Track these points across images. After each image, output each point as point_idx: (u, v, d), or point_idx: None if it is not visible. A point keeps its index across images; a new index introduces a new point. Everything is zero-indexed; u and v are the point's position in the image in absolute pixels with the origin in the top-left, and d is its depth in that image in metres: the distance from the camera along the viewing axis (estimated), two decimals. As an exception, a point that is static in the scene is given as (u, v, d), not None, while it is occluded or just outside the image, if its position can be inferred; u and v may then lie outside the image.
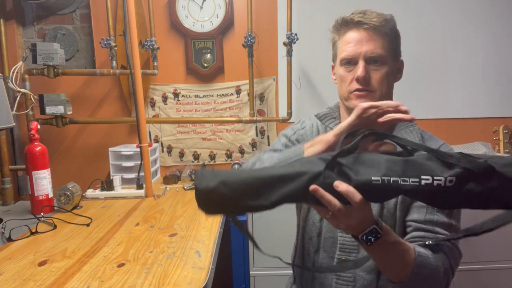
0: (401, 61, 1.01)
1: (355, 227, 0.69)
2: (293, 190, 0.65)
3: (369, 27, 0.92)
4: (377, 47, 0.92)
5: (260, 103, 2.09)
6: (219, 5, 1.98)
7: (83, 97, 2.04)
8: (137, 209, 1.46)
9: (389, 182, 0.62)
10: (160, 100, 2.08)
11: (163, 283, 0.85)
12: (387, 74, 0.94)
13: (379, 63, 0.93)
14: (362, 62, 0.92)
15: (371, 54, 0.92)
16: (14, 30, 1.95)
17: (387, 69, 0.94)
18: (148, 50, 1.94)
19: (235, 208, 0.68)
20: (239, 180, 0.66)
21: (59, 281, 0.87)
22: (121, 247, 1.07)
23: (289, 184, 0.65)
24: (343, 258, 0.97)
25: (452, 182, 0.60)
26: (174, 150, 2.11)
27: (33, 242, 1.13)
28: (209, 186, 0.65)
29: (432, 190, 0.60)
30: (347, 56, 0.94)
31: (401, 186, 0.62)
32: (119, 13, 1.94)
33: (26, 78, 1.81)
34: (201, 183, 0.66)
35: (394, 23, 0.97)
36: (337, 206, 0.64)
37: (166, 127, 2.10)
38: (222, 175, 0.67)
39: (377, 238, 0.70)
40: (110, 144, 1.99)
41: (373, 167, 0.63)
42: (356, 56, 0.93)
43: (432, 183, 0.60)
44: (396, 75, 1.01)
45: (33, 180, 1.40)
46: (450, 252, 0.84)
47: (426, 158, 0.63)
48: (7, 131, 1.89)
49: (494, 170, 0.59)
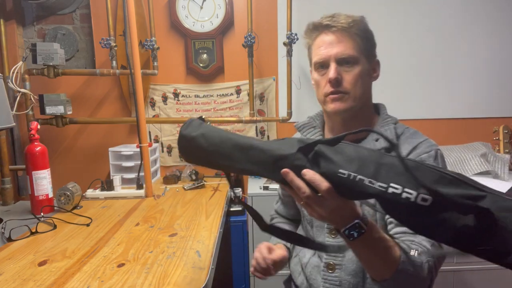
0: (376, 60, 1.01)
1: (332, 219, 0.68)
2: (262, 163, 0.64)
3: (337, 29, 0.94)
4: (347, 48, 0.93)
5: (260, 103, 2.09)
6: (219, 5, 1.98)
7: (83, 97, 2.04)
8: (137, 209, 1.46)
9: (354, 178, 0.57)
10: (160, 100, 2.08)
11: (163, 283, 0.85)
12: (360, 74, 0.94)
13: (350, 64, 0.94)
14: (333, 64, 0.93)
15: (342, 55, 0.93)
16: (14, 30, 1.96)
17: (360, 69, 0.94)
18: (148, 50, 1.94)
19: (207, 161, 0.70)
20: (217, 137, 0.68)
21: (59, 281, 0.87)
22: (121, 247, 1.07)
23: (260, 155, 0.65)
24: (330, 262, 0.99)
25: (427, 202, 0.51)
26: (174, 150, 2.11)
27: (33, 242, 1.13)
28: (190, 134, 0.69)
29: (398, 202, 0.53)
30: (319, 60, 0.95)
31: (366, 187, 0.56)
32: (119, 13, 1.94)
33: (26, 78, 1.81)
34: (186, 129, 0.70)
35: (364, 24, 0.97)
36: (306, 192, 0.63)
37: (166, 127, 2.10)
38: (206, 129, 0.69)
39: (360, 233, 0.68)
40: (110, 144, 1.99)
41: (350, 161, 0.59)
42: (327, 58, 0.94)
43: (400, 194, 0.53)
44: (372, 75, 1.00)
45: (33, 180, 1.40)
46: (433, 248, 0.82)
47: (415, 167, 0.55)
48: (7, 131, 1.89)
49: (490, 212, 0.48)
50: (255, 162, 0.65)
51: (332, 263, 0.99)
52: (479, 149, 1.90)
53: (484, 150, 1.87)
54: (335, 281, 0.98)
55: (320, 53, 0.95)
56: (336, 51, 0.93)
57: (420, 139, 0.94)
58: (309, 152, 0.62)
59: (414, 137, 0.95)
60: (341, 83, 0.93)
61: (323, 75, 0.95)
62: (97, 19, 1.99)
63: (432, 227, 0.52)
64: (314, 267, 1.03)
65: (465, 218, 0.49)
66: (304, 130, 1.07)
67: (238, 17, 2.01)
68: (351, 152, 0.60)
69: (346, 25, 0.93)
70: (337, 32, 0.93)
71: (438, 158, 0.91)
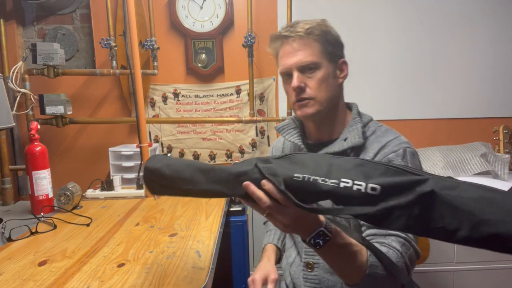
0: (342, 61, 1.03)
1: (296, 228, 0.70)
2: (223, 181, 0.68)
3: (295, 39, 0.97)
4: (307, 55, 0.96)
5: (260, 103, 2.09)
6: (219, 5, 1.98)
7: (83, 97, 2.04)
8: (137, 209, 1.46)
9: (309, 180, 0.62)
10: (160, 100, 2.08)
11: (163, 283, 0.85)
12: (323, 78, 0.97)
13: (312, 70, 0.97)
14: (296, 73, 0.97)
15: (302, 63, 0.96)
16: (14, 30, 1.95)
17: (322, 73, 0.97)
18: (148, 50, 1.94)
19: (171, 188, 0.73)
20: (180, 165, 0.72)
21: (59, 281, 0.87)
22: (121, 247, 1.07)
23: (221, 174, 0.69)
24: (309, 261, 1.02)
25: (376, 191, 0.56)
26: (174, 150, 2.11)
27: (33, 242, 1.13)
28: (154, 166, 0.73)
29: (351, 195, 0.57)
30: (283, 70, 1.00)
31: (320, 186, 0.61)
32: (119, 13, 1.95)
33: (26, 78, 1.81)
34: (150, 162, 0.74)
35: (324, 28, 0.99)
36: (267, 202, 0.66)
37: (166, 127, 2.10)
38: (170, 160, 0.73)
39: (326, 241, 0.70)
40: (110, 144, 1.99)
41: (304, 167, 0.64)
42: (290, 68, 0.98)
43: (351, 187, 0.58)
44: (339, 76, 1.02)
45: (33, 180, 1.40)
46: (404, 248, 0.83)
47: (359, 164, 0.61)
48: (7, 131, 1.89)
49: (434, 192, 0.52)
50: (216, 181, 0.69)
51: (310, 262, 1.02)
52: (479, 149, 1.90)
53: (484, 150, 1.87)
54: (315, 279, 1.01)
55: (283, 63, 1.00)
56: (296, 60, 0.97)
57: (389, 138, 0.95)
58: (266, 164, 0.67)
59: (383, 136, 0.97)
60: (305, 89, 0.97)
61: (289, 84, 0.99)
62: (97, 19, 1.99)
63: (386, 216, 0.54)
64: (298, 266, 1.06)
65: (413, 202, 0.53)
66: (284, 132, 1.11)
67: (238, 17, 2.01)
68: (305, 159, 0.66)
69: (303, 33, 0.96)
70: (295, 41, 0.97)
71: (407, 156, 0.92)
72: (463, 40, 2.06)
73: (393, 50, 2.06)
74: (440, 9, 2.04)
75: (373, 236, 0.85)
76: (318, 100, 0.97)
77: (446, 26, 2.05)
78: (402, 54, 2.07)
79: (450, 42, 2.06)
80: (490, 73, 2.09)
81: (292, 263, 1.09)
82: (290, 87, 0.99)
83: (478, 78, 2.09)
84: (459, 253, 1.73)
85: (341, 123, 1.03)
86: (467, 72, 2.08)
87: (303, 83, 0.97)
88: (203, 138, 2.11)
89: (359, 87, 2.07)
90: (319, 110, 0.98)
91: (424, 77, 2.08)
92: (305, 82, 0.97)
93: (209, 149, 2.12)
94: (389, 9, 2.02)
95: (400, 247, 0.82)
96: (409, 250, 0.84)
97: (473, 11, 2.04)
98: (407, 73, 2.09)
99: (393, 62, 2.07)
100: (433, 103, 2.10)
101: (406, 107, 2.09)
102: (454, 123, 2.11)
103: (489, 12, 2.04)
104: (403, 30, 2.05)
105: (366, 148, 0.96)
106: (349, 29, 2.02)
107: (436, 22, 2.05)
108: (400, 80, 2.09)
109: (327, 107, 0.98)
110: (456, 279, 1.75)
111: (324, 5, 1.99)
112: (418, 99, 2.09)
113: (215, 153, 2.12)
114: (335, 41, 1.00)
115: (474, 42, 2.06)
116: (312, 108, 0.97)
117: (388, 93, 2.09)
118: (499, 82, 2.09)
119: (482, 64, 2.08)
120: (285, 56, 0.98)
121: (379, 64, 2.07)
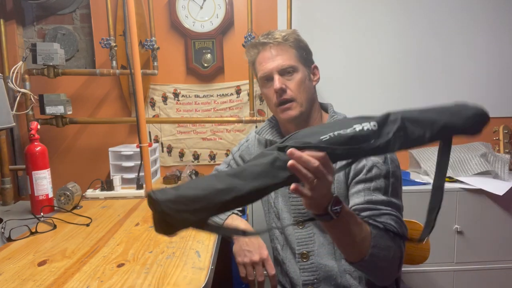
0: (314, 66, 1.13)
1: (324, 195, 0.70)
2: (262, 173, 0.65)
3: (274, 45, 1.05)
4: (286, 59, 1.04)
5: (260, 103, 2.09)
6: (219, 5, 1.98)
7: (83, 97, 2.04)
8: (137, 209, 1.46)
9: (335, 136, 0.68)
10: (160, 100, 2.08)
11: (162, 283, 0.85)
12: (301, 80, 1.05)
13: (291, 73, 1.05)
14: (276, 76, 1.04)
15: (282, 66, 1.04)
16: (14, 30, 1.96)
17: (300, 75, 1.05)
18: (148, 50, 1.94)
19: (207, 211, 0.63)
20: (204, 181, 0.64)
21: (58, 281, 0.87)
22: (121, 247, 1.07)
23: (255, 169, 0.65)
24: (303, 251, 1.06)
25: (376, 127, 0.69)
26: (174, 150, 2.11)
27: (33, 242, 1.13)
28: (174, 195, 0.61)
29: (363, 134, 0.68)
30: (264, 74, 1.06)
31: (344, 135, 0.68)
32: (119, 13, 1.95)
33: (26, 78, 1.81)
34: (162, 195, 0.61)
35: (297, 35, 1.09)
36: (316, 162, 0.64)
37: (166, 127, 2.10)
38: (185, 184, 0.64)
39: (340, 208, 0.72)
40: (110, 144, 1.99)
41: (318, 133, 0.69)
42: (270, 72, 1.04)
43: (362, 128, 0.69)
44: (313, 79, 1.11)
45: (33, 180, 1.40)
46: (397, 225, 0.89)
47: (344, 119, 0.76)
48: (7, 131, 1.89)
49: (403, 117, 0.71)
50: (256, 177, 0.65)
51: (305, 251, 1.06)
52: (479, 149, 1.90)
53: (484, 150, 1.87)
54: (312, 267, 1.05)
55: (262, 68, 1.06)
56: (276, 64, 1.04)
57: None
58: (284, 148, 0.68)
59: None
60: (286, 91, 1.03)
61: (270, 87, 1.06)
62: (97, 19, 1.99)
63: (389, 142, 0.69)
64: (290, 260, 1.09)
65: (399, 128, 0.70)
66: (262, 133, 1.17)
67: (238, 17, 2.01)
68: (309, 130, 0.72)
69: (281, 39, 1.05)
70: (274, 47, 1.05)
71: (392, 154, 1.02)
72: (463, 40, 2.06)
73: (393, 51, 2.06)
74: (440, 9, 2.04)
75: (367, 218, 0.89)
76: (299, 101, 1.04)
77: (446, 27, 2.05)
78: (402, 55, 2.07)
79: (450, 42, 2.06)
80: (490, 73, 2.09)
81: (284, 259, 1.12)
82: (271, 90, 1.05)
83: (478, 78, 2.09)
84: (459, 253, 1.74)
85: (317, 120, 1.11)
86: (467, 72, 2.08)
87: (284, 85, 1.03)
88: (203, 138, 2.11)
89: (359, 87, 2.07)
90: (302, 112, 1.05)
91: (424, 77, 2.08)
92: (285, 84, 1.04)
93: (209, 149, 2.12)
94: (388, 10, 2.02)
95: (394, 224, 0.88)
96: (402, 226, 0.91)
97: (473, 11, 2.04)
98: (407, 73, 2.09)
99: (392, 62, 2.07)
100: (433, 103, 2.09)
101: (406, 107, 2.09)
102: (454, 123, 2.11)
103: (489, 12, 2.04)
104: (403, 30, 2.05)
105: None
106: (348, 29, 2.02)
107: (436, 23, 2.05)
108: (400, 81, 2.09)
109: (307, 108, 1.06)
110: (456, 279, 1.75)
111: (324, 5, 2.00)
112: (418, 99, 2.09)
113: (215, 153, 2.12)
114: (306, 47, 1.10)
115: (474, 42, 2.06)
116: (295, 111, 1.04)
117: (388, 93, 2.08)
118: (499, 82, 2.09)
119: (482, 64, 2.08)
120: (265, 62, 1.05)
121: (378, 64, 2.06)
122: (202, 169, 2.07)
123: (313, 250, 1.05)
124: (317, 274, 1.04)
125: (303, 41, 1.10)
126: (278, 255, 1.15)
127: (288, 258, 1.10)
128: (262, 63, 1.06)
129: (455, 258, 1.74)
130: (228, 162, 1.29)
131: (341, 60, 2.05)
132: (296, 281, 1.07)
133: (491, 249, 1.74)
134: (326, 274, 1.04)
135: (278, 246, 1.15)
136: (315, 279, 1.04)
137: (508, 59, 2.08)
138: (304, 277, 1.05)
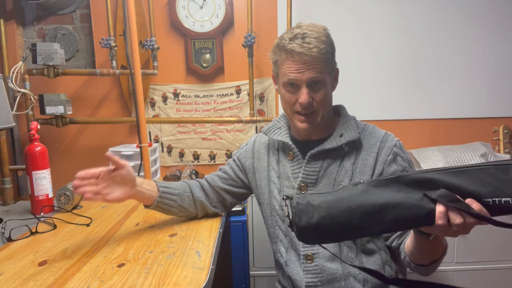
0: (336, 69, 1.07)
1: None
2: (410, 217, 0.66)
3: (309, 58, 0.96)
4: (317, 72, 0.97)
5: (260, 103, 2.09)
6: (219, 5, 1.98)
7: (83, 97, 2.04)
8: (137, 209, 1.46)
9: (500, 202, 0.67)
10: (160, 100, 2.08)
11: (163, 283, 0.85)
12: (326, 92, 1.01)
13: (319, 85, 0.99)
14: (305, 89, 0.98)
15: (313, 79, 0.98)
16: (14, 30, 1.95)
17: (326, 87, 1.01)
18: (148, 50, 1.94)
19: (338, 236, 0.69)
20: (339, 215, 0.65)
21: (59, 281, 0.87)
22: (121, 247, 1.07)
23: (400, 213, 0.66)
24: (308, 253, 1.05)
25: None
26: (174, 150, 2.11)
27: (33, 242, 1.13)
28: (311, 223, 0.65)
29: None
30: (290, 81, 0.99)
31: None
32: (119, 13, 1.95)
33: (26, 78, 1.81)
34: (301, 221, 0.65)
35: (329, 39, 1.00)
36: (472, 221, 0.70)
37: (166, 127, 2.10)
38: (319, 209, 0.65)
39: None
40: (110, 144, 1.99)
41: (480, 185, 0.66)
42: (299, 81, 0.98)
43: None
44: (334, 85, 1.07)
45: (33, 180, 1.39)
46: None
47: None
48: (7, 131, 1.89)
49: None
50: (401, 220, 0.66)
51: (310, 253, 1.04)
52: (479, 149, 1.90)
53: (484, 150, 1.87)
54: (316, 270, 1.03)
55: (291, 75, 0.98)
56: (307, 76, 0.97)
57: (381, 133, 1.05)
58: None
59: (375, 132, 1.06)
60: (312, 104, 0.99)
61: (292, 93, 1.01)
62: (97, 19, 1.99)
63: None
64: (294, 262, 1.08)
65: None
66: (270, 133, 1.13)
67: (238, 17, 2.01)
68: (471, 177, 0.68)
69: (317, 53, 0.95)
70: (307, 57, 0.96)
71: (402, 147, 1.04)
72: (463, 40, 2.06)
73: (393, 51, 2.06)
74: (440, 9, 2.04)
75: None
76: (321, 113, 1.01)
77: (446, 26, 2.05)
78: (402, 55, 2.07)
79: (450, 42, 2.06)
80: (490, 73, 2.09)
81: (287, 261, 1.10)
82: (293, 97, 1.01)
83: (478, 78, 2.09)
84: (459, 253, 1.73)
85: (329, 126, 1.08)
86: (467, 72, 2.08)
87: (311, 98, 0.99)
88: (203, 138, 2.11)
89: (359, 87, 2.07)
90: (318, 123, 1.03)
91: (424, 77, 2.08)
92: (312, 97, 0.99)
93: (209, 149, 2.12)
94: (389, 9, 2.02)
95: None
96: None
97: (473, 11, 2.04)
98: (407, 73, 2.09)
99: (393, 62, 2.07)
100: (433, 103, 2.10)
101: (406, 107, 2.09)
102: (454, 123, 2.11)
103: (489, 12, 2.04)
104: (403, 30, 2.05)
105: (362, 143, 1.03)
106: (348, 29, 2.02)
107: (436, 23, 2.05)
108: (400, 80, 2.09)
109: (324, 116, 1.04)
110: (456, 279, 1.75)
111: (324, 5, 2.00)
112: (418, 99, 2.09)
113: (215, 153, 2.12)
114: (333, 50, 1.03)
115: (474, 42, 2.06)
116: (313, 124, 1.02)
117: (388, 93, 2.09)
118: (499, 82, 2.09)
119: (482, 64, 2.08)
120: (295, 68, 0.97)
121: (379, 64, 2.07)
122: (202, 169, 2.07)
123: (318, 253, 1.04)
124: (321, 276, 1.03)
125: (333, 44, 1.02)
126: (281, 257, 1.13)
127: (292, 260, 1.09)
128: (291, 68, 0.98)
129: (455, 258, 1.74)
130: (230, 163, 1.28)
131: (341, 60, 2.04)
132: (299, 283, 1.06)
133: (491, 249, 1.74)
134: (330, 276, 1.03)
135: (281, 249, 1.13)
136: (319, 281, 1.03)
137: (508, 59, 2.08)
138: (308, 279, 1.04)
